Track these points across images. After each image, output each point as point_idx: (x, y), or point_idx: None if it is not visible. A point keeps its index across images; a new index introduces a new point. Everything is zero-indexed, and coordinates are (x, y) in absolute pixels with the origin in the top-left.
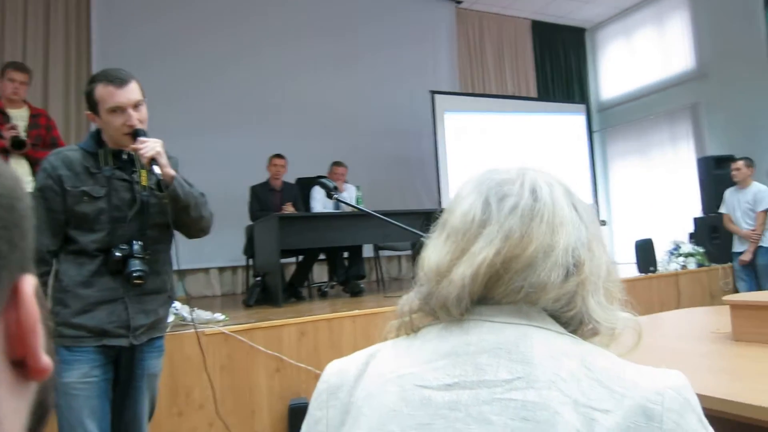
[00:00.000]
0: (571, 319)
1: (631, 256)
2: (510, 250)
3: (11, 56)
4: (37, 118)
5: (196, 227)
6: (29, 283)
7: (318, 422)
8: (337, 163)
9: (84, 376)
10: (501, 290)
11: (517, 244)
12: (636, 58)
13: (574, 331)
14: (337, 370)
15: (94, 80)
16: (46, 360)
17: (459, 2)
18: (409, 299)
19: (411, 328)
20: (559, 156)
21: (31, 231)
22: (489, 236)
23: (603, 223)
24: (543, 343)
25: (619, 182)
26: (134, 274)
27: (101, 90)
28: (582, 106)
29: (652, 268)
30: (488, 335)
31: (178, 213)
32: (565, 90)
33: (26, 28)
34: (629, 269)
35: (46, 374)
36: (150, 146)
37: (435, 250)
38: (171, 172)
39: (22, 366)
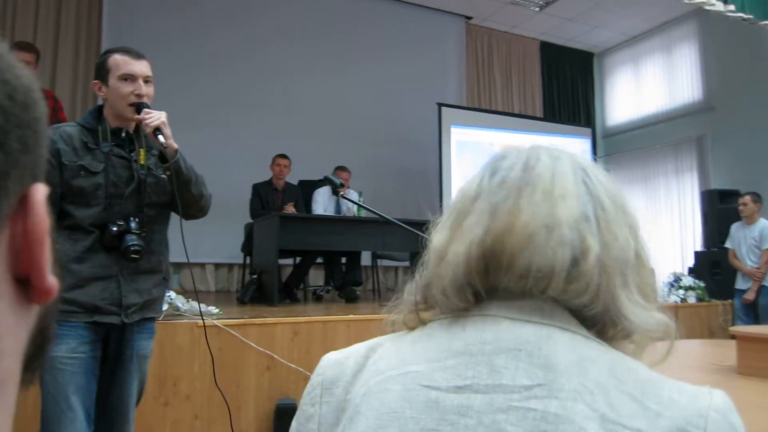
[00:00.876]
0: (595, 318)
1: None
2: (498, 225)
3: (22, 37)
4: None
5: (196, 206)
6: (41, 191)
7: (309, 419)
8: (340, 168)
9: (72, 351)
10: (505, 276)
11: (504, 218)
12: (643, 85)
13: (600, 334)
14: (333, 363)
15: (109, 51)
16: (51, 280)
17: (469, 18)
18: (413, 287)
19: (418, 321)
20: None
21: (44, 138)
22: (478, 212)
23: None
24: (568, 347)
25: None
26: (132, 248)
27: (117, 58)
28: (587, 130)
29: None
30: (506, 334)
31: (180, 187)
32: (571, 113)
33: (38, 12)
34: None
35: (51, 296)
36: (155, 116)
37: (437, 231)
38: (174, 144)
39: (26, 285)
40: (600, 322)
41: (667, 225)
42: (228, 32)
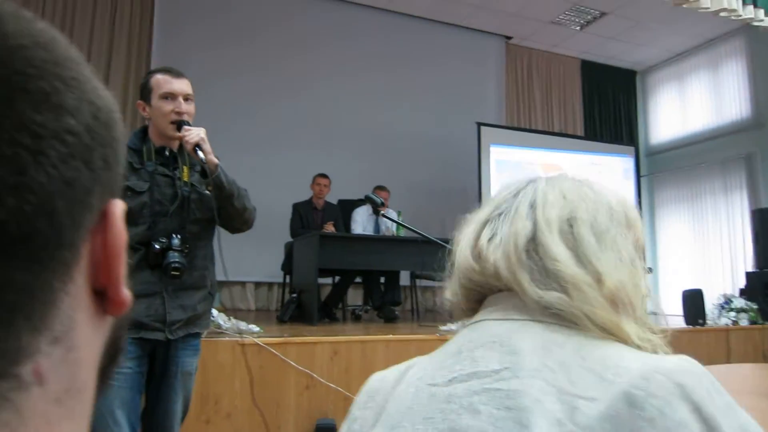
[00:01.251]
0: (562, 313)
1: (678, 306)
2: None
3: None
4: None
5: (240, 219)
6: (119, 206)
7: (355, 421)
8: (380, 188)
9: (118, 366)
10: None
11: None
12: (688, 103)
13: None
14: (379, 378)
15: (152, 72)
16: (126, 292)
17: (509, 38)
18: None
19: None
20: None
21: (123, 157)
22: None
23: (649, 270)
24: (537, 333)
25: (666, 230)
26: (172, 265)
27: (158, 77)
28: (630, 149)
29: (700, 321)
30: (487, 331)
31: (223, 202)
32: (613, 131)
33: (92, 36)
34: (675, 320)
35: (124, 309)
36: (194, 133)
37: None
38: (215, 159)
39: (101, 297)
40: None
41: (715, 245)
42: (270, 58)
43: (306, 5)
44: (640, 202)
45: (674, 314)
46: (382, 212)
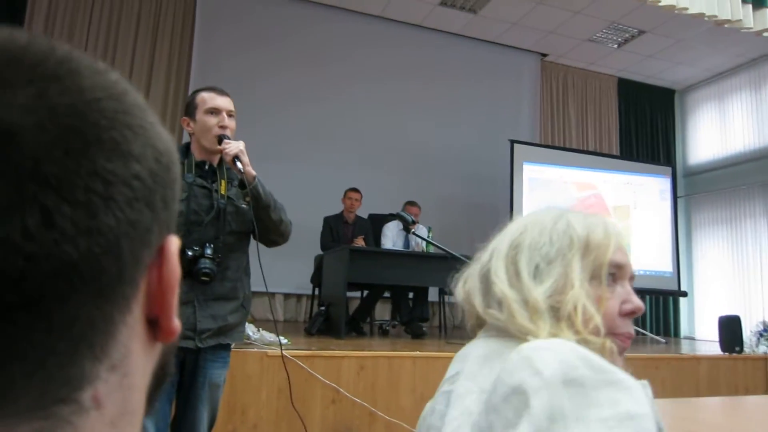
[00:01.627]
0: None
1: (714, 333)
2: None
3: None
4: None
5: (276, 231)
6: (174, 243)
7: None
8: (410, 203)
9: None
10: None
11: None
12: (729, 123)
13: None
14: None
15: (198, 90)
16: (176, 322)
17: (544, 55)
18: None
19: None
20: (640, 218)
21: (179, 195)
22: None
23: (684, 294)
24: (483, 345)
25: (703, 252)
26: (202, 270)
27: (203, 95)
28: (667, 169)
29: (737, 348)
30: (467, 348)
31: (260, 213)
32: (649, 151)
33: (134, 54)
34: (711, 347)
35: (174, 337)
36: (234, 145)
37: None
38: (252, 171)
39: (153, 326)
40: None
41: (755, 270)
42: (303, 70)
43: (345, 19)
44: (676, 224)
45: (710, 340)
46: (413, 230)
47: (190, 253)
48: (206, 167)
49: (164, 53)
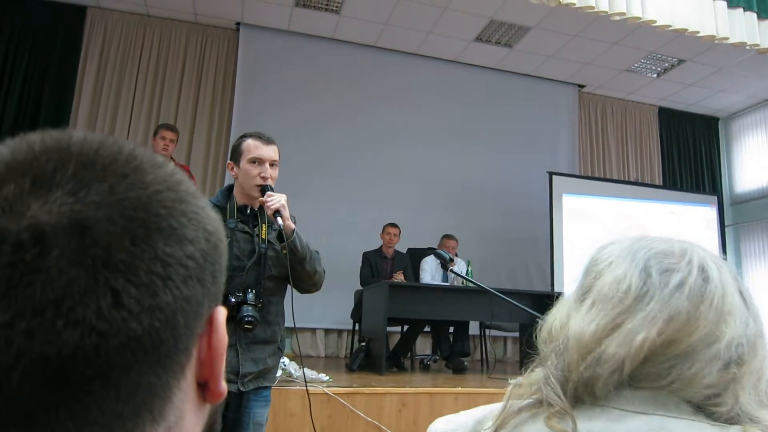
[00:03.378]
0: (717, 414)
1: None
2: (673, 333)
3: (166, 119)
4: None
5: (309, 281)
6: (222, 313)
7: None
8: (448, 236)
9: None
10: (646, 371)
11: (681, 327)
12: None
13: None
14: (446, 421)
15: (245, 136)
16: (224, 385)
17: (582, 86)
18: (551, 380)
19: (560, 414)
20: None
21: (225, 269)
22: (650, 314)
23: None
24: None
25: (754, 283)
26: (245, 319)
27: (250, 142)
28: (713, 198)
29: None
30: (615, 424)
31: (295, 264)
32: (693, 180)
33: (180, 98)
34: None
35: (221, 399)
36: (276, 199)
37: (576, 316)
38: (292, 225)
39: (203, 388)
40: (720, 419)
41: None
42: (342, 109)
43: (379, 59)
44: (725, 253)
45: None
46: (451, 267)
47: (233, 300)
48: (248, 211)
49: (207, 102)
